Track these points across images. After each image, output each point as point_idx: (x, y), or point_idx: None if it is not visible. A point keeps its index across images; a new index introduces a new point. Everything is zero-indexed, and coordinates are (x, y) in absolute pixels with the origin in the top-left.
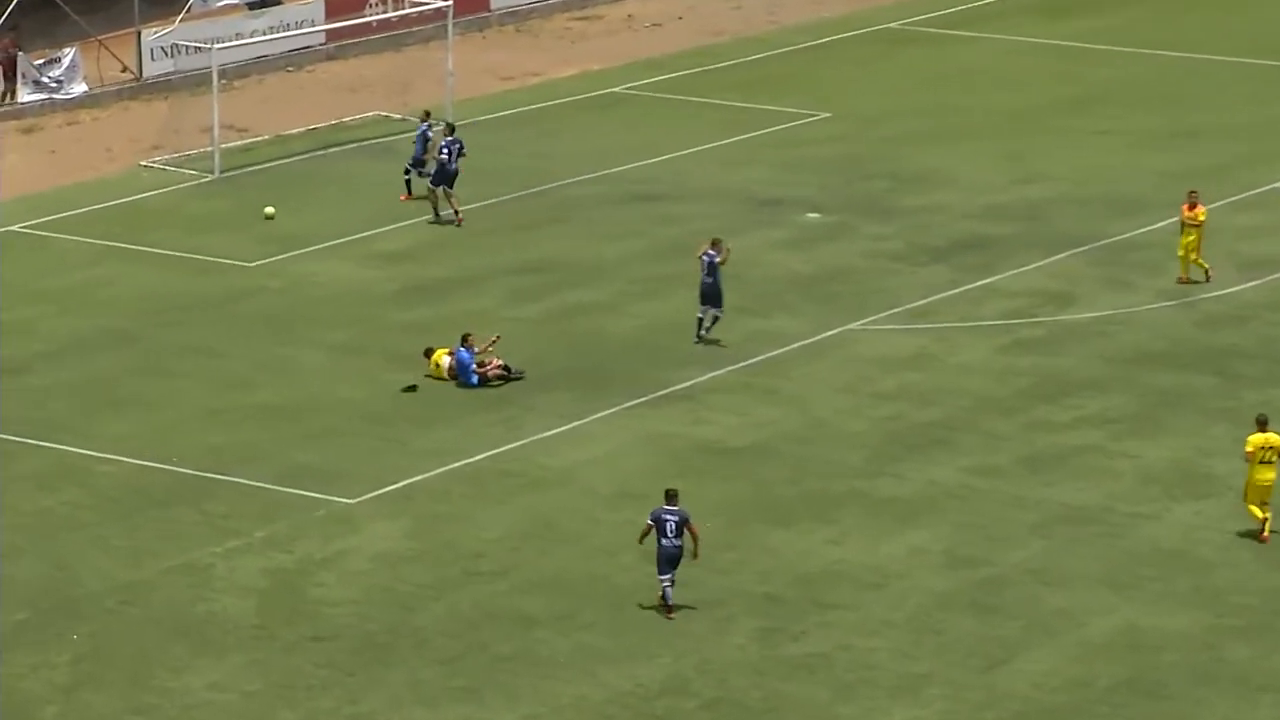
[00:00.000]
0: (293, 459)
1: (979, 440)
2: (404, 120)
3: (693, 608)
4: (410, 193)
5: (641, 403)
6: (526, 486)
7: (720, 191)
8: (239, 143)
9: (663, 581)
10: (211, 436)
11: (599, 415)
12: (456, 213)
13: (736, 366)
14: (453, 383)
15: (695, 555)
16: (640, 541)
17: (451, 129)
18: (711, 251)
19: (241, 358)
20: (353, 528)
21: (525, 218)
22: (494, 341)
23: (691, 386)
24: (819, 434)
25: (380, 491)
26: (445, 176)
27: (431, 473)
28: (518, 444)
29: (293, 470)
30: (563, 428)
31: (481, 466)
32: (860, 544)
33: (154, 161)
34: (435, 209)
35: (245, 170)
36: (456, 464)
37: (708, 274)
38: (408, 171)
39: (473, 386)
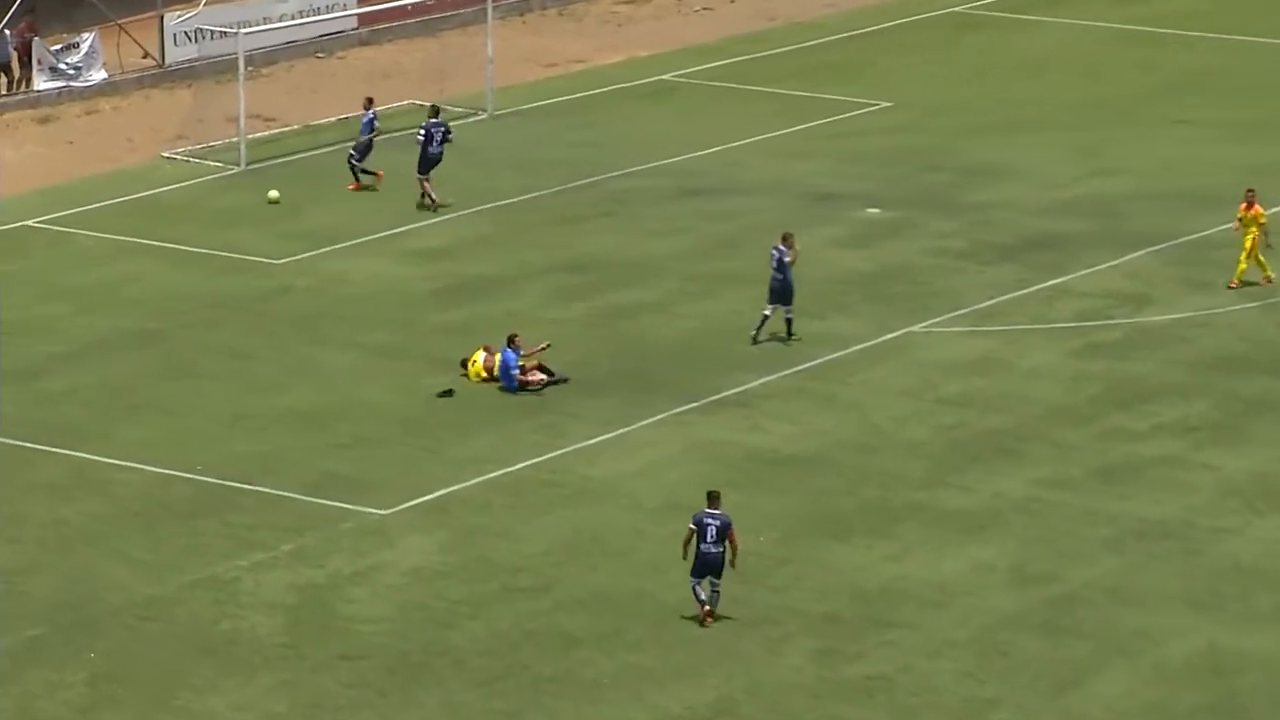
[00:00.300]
0: (322, 468)
1: (1049, 450)
2: (441, 109)
3: (744, 626)
4: (358, 181)
5: (691, 409)
6: (569, 498)
7: (775, 185)
8: (266, 133)
9: (695, 584)
10: (237, 444)
11: (646, 422)
12: (432, 197)
13: (792, 371)
14: (492, 384)
15: (733, 565)
16: (685, 554)
17: (436, 111)
18: (782, 247)
19: (269, 360)
20: (386, 541)
21: (569, 213)
22: (543, 349)
23: (744, 392)
24: (879, 443)
25: (415, 502)
26: (426, 162)
27: (469, 483)
28: (560, 452)
29: (322, 480)
30: (608, 435)
31: (522, 476)
32: (922, 560)
33: (177, 153)
34: (430, 194)
35: (273, 162)
36: (495, 473)
37: (777, 270)
38: (352, 160)
39: (511, 391)
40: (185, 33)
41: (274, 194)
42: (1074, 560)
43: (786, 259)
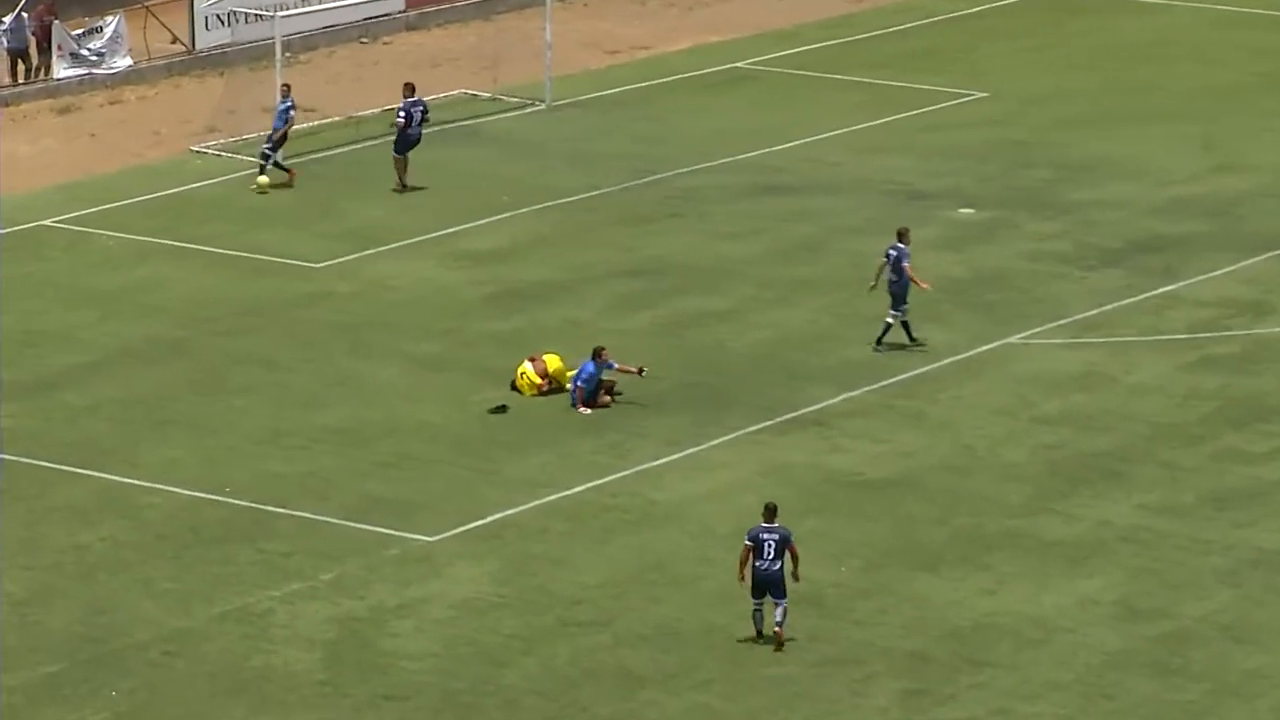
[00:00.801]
0: (364, 490)
1: (1158, 473)
2: (494, 100)
3: (824, 664)
4: (263, 176)
5: (766, 427)
6: (633, 523)
7: (859, 182)
8: (305, 125)
9: (755, 607)
10: (272, 463)
11: (717, 442)
12: (403, 181)
13: (876, 386)
14: (548, 397)
15: (795, 577)
16: (741, 574)
17: (412, 89)
18: (900, 245)
19: (307, 372)
20: (433, 570)
21: (633, 212)
22: (637, 372)
23: (824, 409)
24: (972, 465)
25: (465, 528)
26: (404, 142)
27: (524, 507)
28: (623, 474)
29: (365, 503)
30: (675, 456)
31: (582, 500)
32: (1020, 593)
33: (207, 146)
34: (401, 178)
35: (311, 157)
36: (553, 496)
37: (893, 270)
38: (265, 155)
39: (573, 404)
40: (217, 16)
41: (263, 180)
42: (1186, 594)
43: (905, 262)
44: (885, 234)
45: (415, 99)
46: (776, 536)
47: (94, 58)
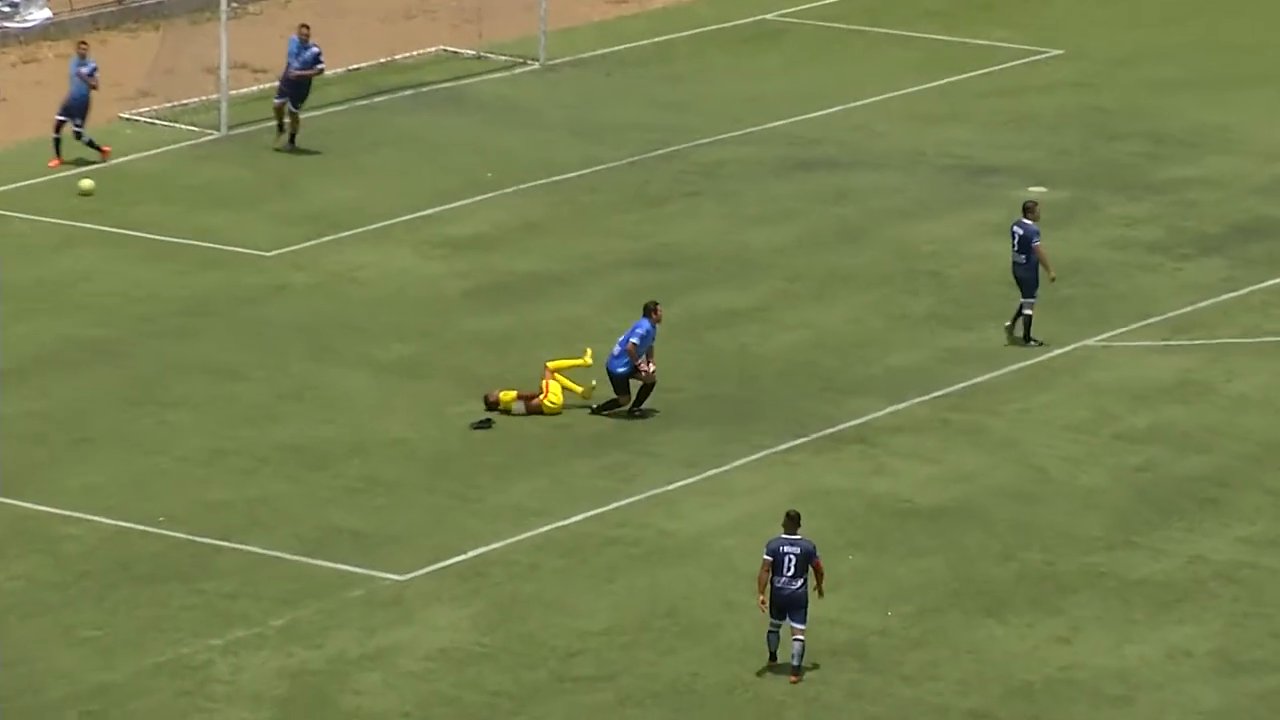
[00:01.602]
0: (324, 520)
1: (1264, 500)
2: (479, 58)
3: None
4: (60, 156)
5: (799, 446)
6: (641, 559)
7: (911, 156)
8: (255, 88)
9: (770, 628)
10: (214, 489)
11: (741, 463)
12: (287, 129)
13: (930, 397)
14: (536, 417)
15: (820, 592)
16: (761, 593)
17: (307, 30)
18: (1027, 221)
19: (257, 381)
20: (404, 614)
21: (643, 192)
22: (647, 373)
23: (867, 424)
24: (1043, 491)
25: (442, 565)
26: (297, 91)
27: (512, 539)
28: (630, 500)
29: (324, 535)
30: (692, 479)
31: (581, 531)
32: (1099, 642)
33: (140, 114)
34: (291, 131)
35: (264, 125)
36: (546, 527)
37: (1019, 251)
38: (60, 126)
39: (616, 376)
40: None
41: (86, 184)
42: None
43: (1036, 241)
44: (938, 218)
45: (308, 43)
46: (799, 550)
47: (5, 8)
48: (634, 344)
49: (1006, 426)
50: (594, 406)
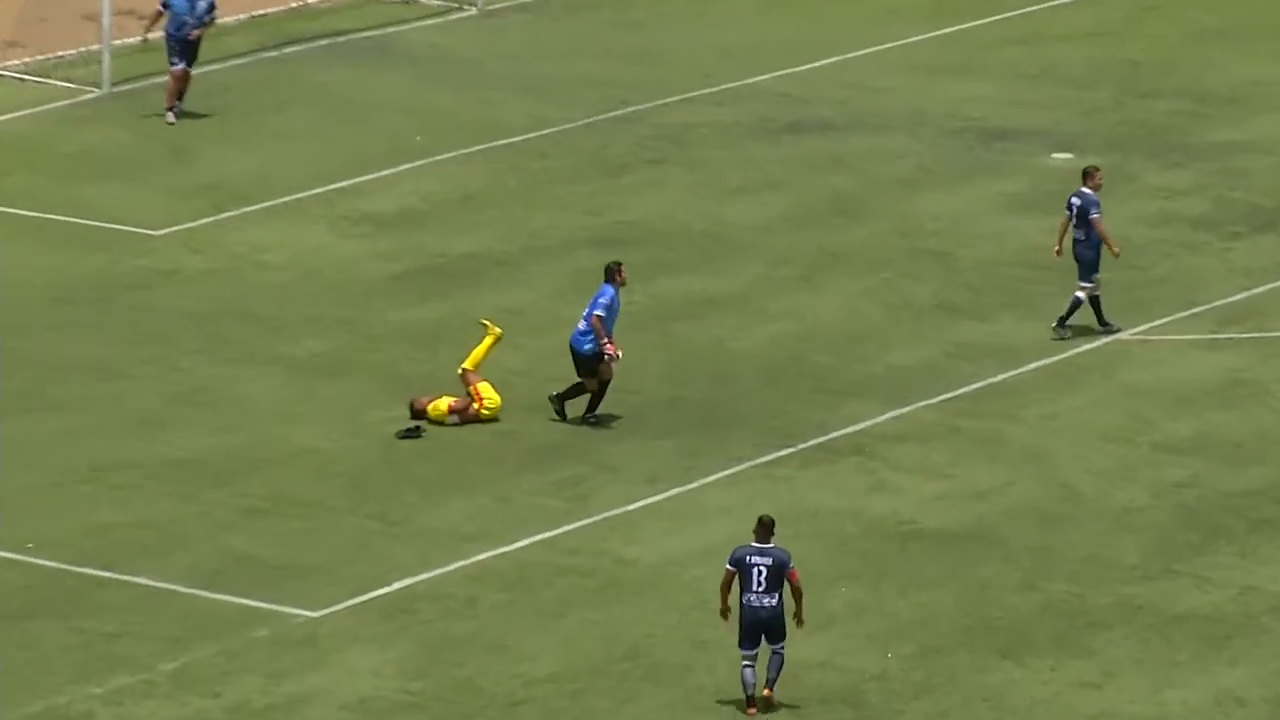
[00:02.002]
0: (224, 546)
1: None
2: (408, 2)
3: None
4: None
5: (784, 457)
6: (597, 592)
7: (916, 116)
8: (139, 38)
9: (744, 661)
10: (96, 510)
11: (714, 478)
12: (174, 103)
13: (937, 400)
14: (472, 427)
15: (799, 620)
16: (723, 608)
17: None
18: (1086, 191)
19: (145, 382)
20: (318, 656)
21: (601, 158)
22: (611, 357)
23: (864, 432)
24: (1070, 510)
25: (363, 599)
26: (188, 50)
27: (445, 569)
28: (584, 523)
29: (223, 564)
30: (656, 497)
31: (527, 560)
32: (1136, 687)
33: (8, 68)
34: (178, 95)
35: (153, 81)
36: (485, 555)
37: (1078, 225)
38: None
39: (584, 356)
40: None
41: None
42: None
43: (1095, 213)
44: (946, 189)
45: None
46: (770, 561)
47: None
48: (599, 316)
49: (1027, 435)
50: (554, 394)
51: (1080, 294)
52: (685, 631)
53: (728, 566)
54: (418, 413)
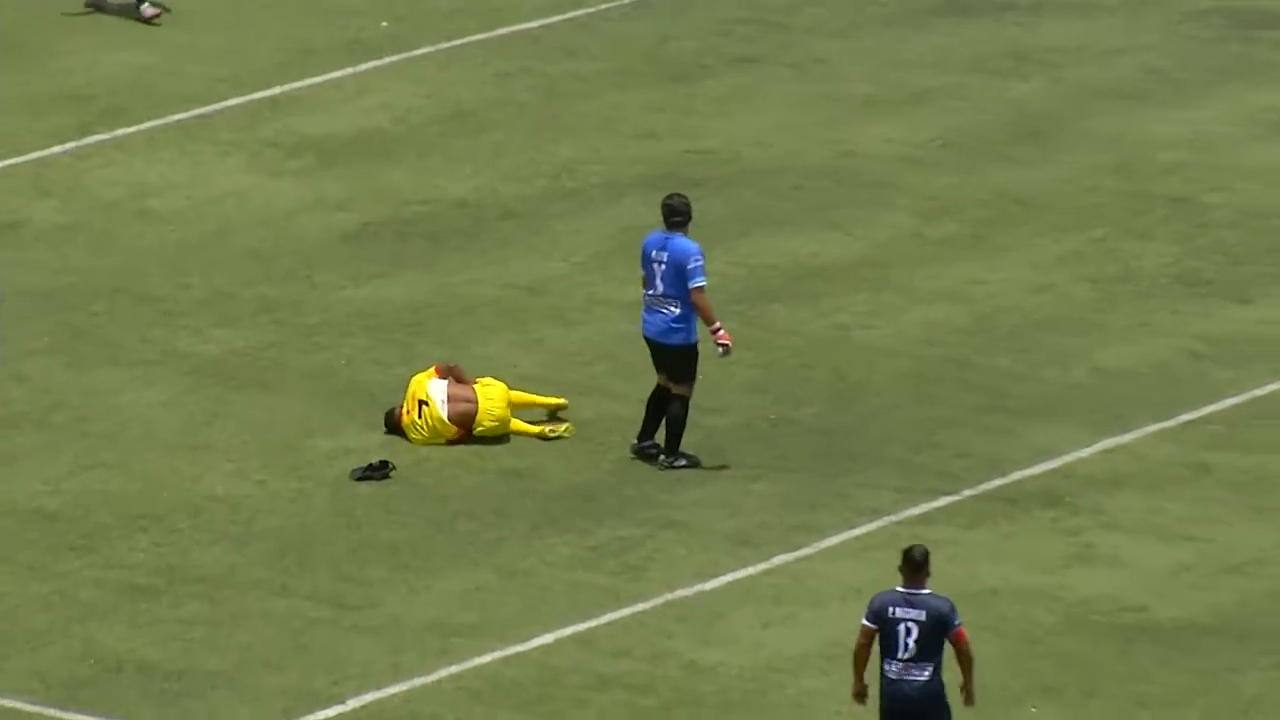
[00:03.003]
0: (88, 643)
1: None
2: None
3: None
4: None
5: (938, 509)
6: (660, 715)
7: None
8: None
9: None
10: None
11: (834, 540)
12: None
13: (1174, 422)
14: (466, 446)
15: (967, 696)
16: (857, 681)
17: None
18: None
19: None
20: None
21: (660, 53)
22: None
23: (1062, 470)
24: None
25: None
26: None
27: (426, 678)
28: (638, 608)
29: (88, 671)
30: (747, 570)
31: (550, 664)
32: None
33: None
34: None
35: None
36: (486, 657)
37: None
38: None
39: (674, 348)
40: None
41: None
42: None
43: None
44: (1185, 102)
45: None
46: (923, 616)
47: None
48: (701, 288)
49: None
50: (642, 443)
51: None
52: None
53: (865, 623)
54: (396, 425)
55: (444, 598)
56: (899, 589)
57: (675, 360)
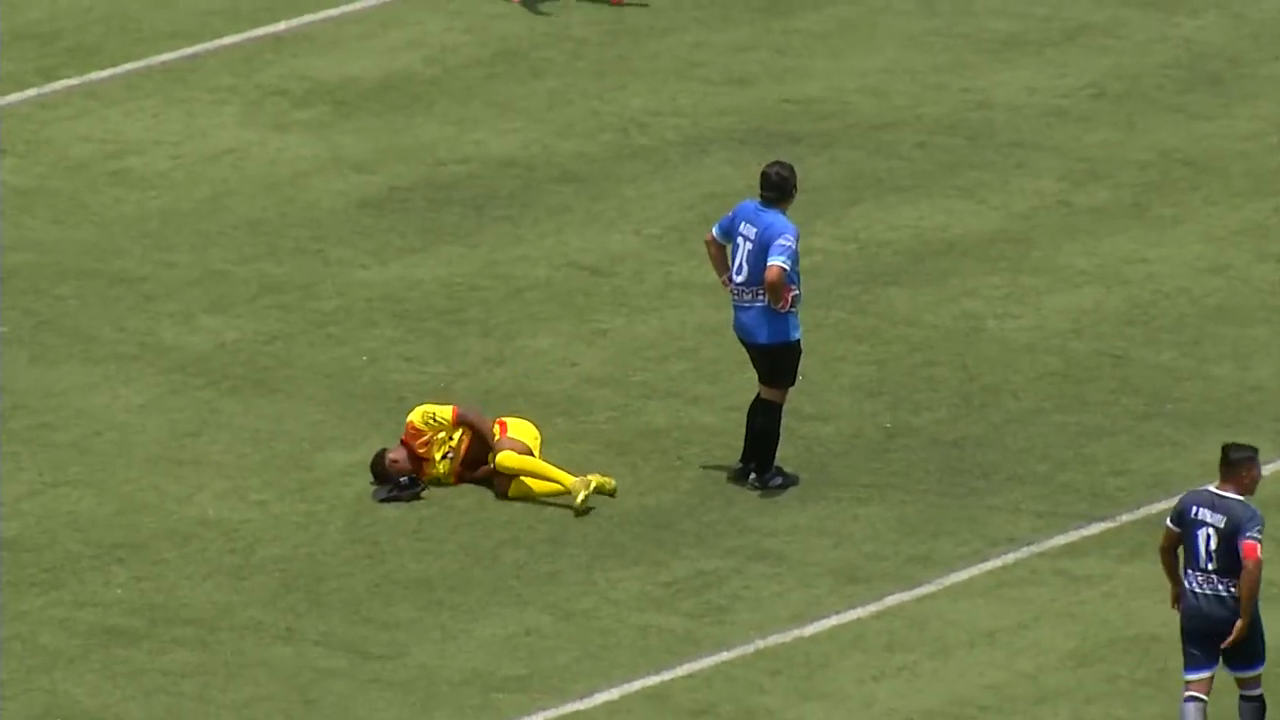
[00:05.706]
0: (53, 697)
1: None
2: None
3: None
4: None
5: (1094, 537)
6: None
7: None
8: None
9: (1187, 690)
10: None
11: (964, 574)
12: None
13: None
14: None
15: (1243, 622)
16: (1175, 596)
17: None
18: None
19: None
20: None
21: None
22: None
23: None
24: None
25: None
26: None
27: None
28: (723, 657)
29: None
30: (858, 611)
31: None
32: None
33: None
34: None
35: None
36: (539, 716)
37: None
38: None
39: (767, 347)
40: None
41: None
42: None
43: None
44: None
45: None
46: (1222, 522)
47: None
48: (781, 268)
49: None
50: (746, 466)
51: None
52: None
53: (1168, 525)
54: (386, 471)
55: (485, 644)
56: (1210, 488)
57: (766, 360)
